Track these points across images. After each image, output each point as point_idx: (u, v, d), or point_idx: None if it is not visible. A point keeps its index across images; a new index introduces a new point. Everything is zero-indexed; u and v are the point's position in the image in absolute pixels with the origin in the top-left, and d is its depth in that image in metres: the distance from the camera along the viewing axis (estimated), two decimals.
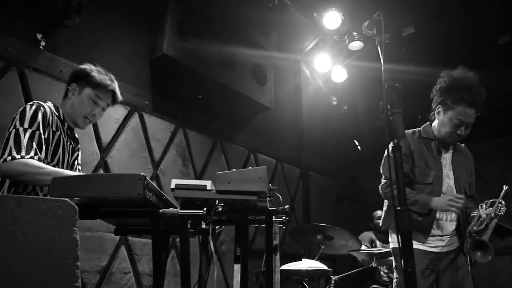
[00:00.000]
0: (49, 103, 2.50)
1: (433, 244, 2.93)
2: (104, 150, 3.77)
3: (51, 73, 3.47)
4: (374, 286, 4.85)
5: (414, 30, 5.86)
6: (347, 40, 6.02)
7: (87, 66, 2.58)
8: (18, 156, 2.13)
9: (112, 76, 2.60)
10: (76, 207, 1.49)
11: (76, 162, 2.62)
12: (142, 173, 1.81)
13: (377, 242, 5.55)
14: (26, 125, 2.24)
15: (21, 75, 3.31)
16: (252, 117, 5.42)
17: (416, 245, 2.91)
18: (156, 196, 1.98)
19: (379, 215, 5.58)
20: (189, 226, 2.04)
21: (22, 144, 2.17)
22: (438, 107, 2.98)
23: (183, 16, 4.37)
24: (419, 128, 3.09)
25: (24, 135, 2.21)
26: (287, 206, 2.32)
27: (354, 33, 5.93)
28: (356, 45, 6.04)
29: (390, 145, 2.86)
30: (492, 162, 5.88)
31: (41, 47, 3.43)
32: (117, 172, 3.75)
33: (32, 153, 2.17)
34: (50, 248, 1.38)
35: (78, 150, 2.65)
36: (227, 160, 5.00)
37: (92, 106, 2.52)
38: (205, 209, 1.99)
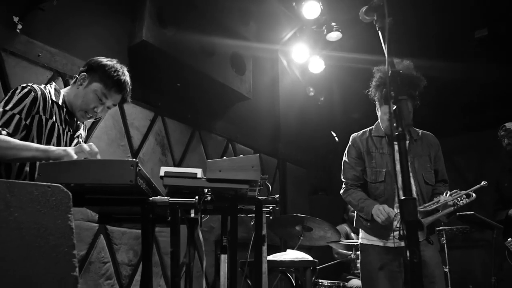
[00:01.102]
0: (50, 87, 2.36)
1: (395, 240, 2.91)
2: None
3: (28, 57, 3.34)
4: (349, 277, 4.93)
5: (391, 21, 5.90)
6: (325, 30, 6.01)
7: (107, 61, 2.42)
8: None
9: (127, 77, 2.45)
10: (70, 193, 1.44)
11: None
12: (134, 159, 1.77)
13: (352, 234, 5.62)
14: (8, 107, 2.14)
15: None
16: (230, 107, 5.38)
17: (375, 241, 2.99)
18: (146, 184, 1.94)
19: None
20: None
21: None
22: (376, 104, 3.08)
23: (163, 3, 4.28)
24: (371, 127, 3.14)
25: (1, 117, 2.11)
26: (277, 195, 2.31)
27: (333, 24, 5.93)
28: (334, 35, 6.04)
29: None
30: (468, 156, 6.03)
31: (17, 30, 3.30)
32: None
33: (4, 132, 2.07)
34: (45, 235, 1.33)
35: (78, 136, 2.52)
36: (206, 150, 4.96)
37: (96, 102, 2.37)
38: (196, 197, 1.96)
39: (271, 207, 2.40)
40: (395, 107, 1.58)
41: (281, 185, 6.17)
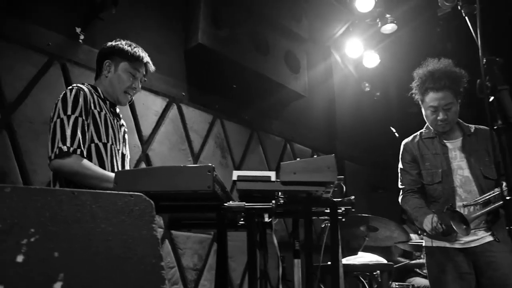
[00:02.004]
0: (86, 84, 2.44)
1: (462, 240, 2.83)
2: (145, 143, 3.70)
3: (91, 66, 3.38)
4: (416, 278, 4.73)
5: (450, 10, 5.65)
6: (379, 23, 5.83)
7: (116, 42, 2.54)
8: (64, 148, 2.12)
9: (141, 48, 2.56)
10: (152, 202, 1.41)
11: (126, 136, 2.59)
12: (210, 164, 1.72)
13: (412, 235, 5.41)
14: (69, 111, 2.21)
15: (63, 69, 3.26)
16: (286, 106, 5.31)
17: (441, 243, 2.88)
18: (221, 189, 1.89)
19: None
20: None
21: (66, 134, 2.15)
22: (420, 105, 3.05)
23: (216, 5, 4.27)
24: (421, 130, 3.10)
25: (68, 123, 2.18)
26: (353, 197, 2.20)
27: (387, 15, 5.74)
28: (389, 27, 5.85)
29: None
30: None
31: (80, 40, 3.38)
32: (158, 164, 3.69)
33: (75, 145, 2.14)
34: (132, 247, 1.29)
35: (123, 125, 2.60)
36: (265, 150, 4.90)
37: (131, 79, 2.48)
38: (273, 201, 1.90)
39: (344, 209, 2.31)
40: (491, 98, 1.44)
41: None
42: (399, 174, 3.15)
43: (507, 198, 1.37)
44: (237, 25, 4.41)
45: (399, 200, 3.14)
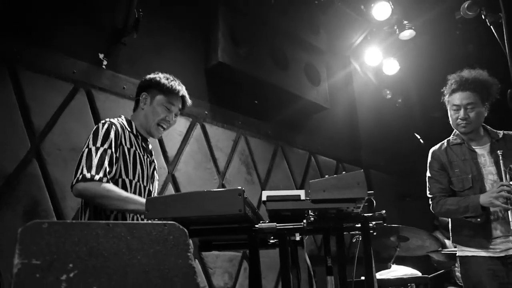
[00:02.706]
0: (122, 118, 2.48)
1: (498, 248, 2.76)
2: (171, 163, 3.73)
3: (115, 90, 3.47)
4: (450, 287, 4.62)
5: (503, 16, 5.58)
6: (397, 30, 5.80)
7: (155, 75, 2.57)
8: (88, 175, 2.12)
9: (179, 81, 2.59)
10: (186, 230, 1.41)
11: (155, 173, 2.59)
12: (240, 187, 1.72)
13: (446, 241, 5.30)
14: (98, 144, 2.23)
15: (89, 95, 3.32)
16: (309, 118, 5.30)
17: (476, 252, 2.81)
18: (251, 211, 1.89)
19: None
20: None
21: (93, 163, 2.16)
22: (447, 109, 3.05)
23: (234, 22, 4.31)
24: (448, 138, 3.08)
25: (96, 154, 2.20)
26: (384, 211, 2.18)
27: (405, 22, 5.72)
28: (408, 34, 5.81)
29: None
30: None
31: (103, 66, 3.44)
32: (185, 185, 3.71)
33: (101, 174, 2.15)
34: (169, 277, 1.29)
35: (154, 161, 2.62)
36: (289, 164, 4.89)
37: (165, 112, 2.50)
38: (304, 221, 1.88)
39: (375, 223, 2.28)
40: None
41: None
42: (428, 183, 3.11)
43: None
44: (255, 41, 4.45)
45: (432, 208, 3.09)
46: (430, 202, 3.10)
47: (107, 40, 3.52)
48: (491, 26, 1.79)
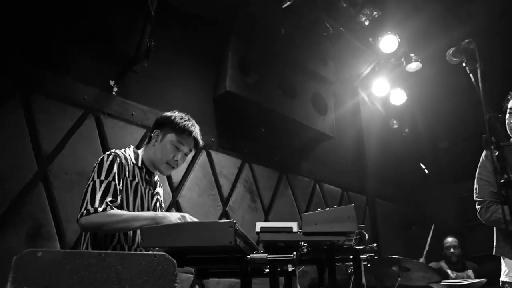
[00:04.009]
0: (129, 150, 2.55)
1: None
2: (175, 189, 3.81)
3: (124, 117, 3.58)
4: None
5: (482, 65, 5.65)
6: (404, 62, 5.89)
7: (171, 113, 2.61)
8: (92, 209, 2.17)
9: (194, 122, 2.62)
10: (175, 261, 1.48)
11: (158, 205, 2.64)
12: (232, 220, 1.79)
13: (449, 272, 5.27)
14: (102, 177, 2.29)
15: (98, 122, 3.43)
16: (315, 147, 5.37)
17: None
18: (243, 242, 1.95)
19: (449, 243, 5.32)
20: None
21: (96, 197, 2.21)
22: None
23: (244, 52, 4.43)
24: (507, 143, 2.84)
25: (100, 187, 2.25)
26: (375, 244, 2.23)
27: (411, 55, 5.81)
28: (414, 66, 5.89)
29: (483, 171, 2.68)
30: None
31: (113, 93, 3.57)
32: (188, 211, 3.78)
33: (104, 205, 2.20)
34: None
35: (157, 194, 2.66)
36: (294, 192, 4.94)
37: (175, 152, 2.53)
38: (294, 253, 1.94)
39: (373, 255, 2.33)
40: (497, 152, 1.47)
41: (372, 222, 5.97)
42: (476, 185, 2.84)
43: None
44: (264, 70, 4.55)
45: (478, 213, 2.81)
46: (478, 207, 2.81)
47: (118, 68, 3.65)
48: (470, 74, 1.86)
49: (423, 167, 5.95)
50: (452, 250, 5.35)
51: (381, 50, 5.62)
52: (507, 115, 2.76)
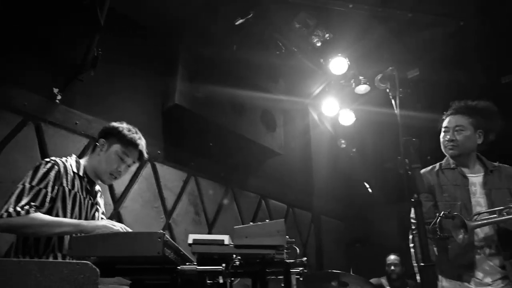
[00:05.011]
0: (70, 159, 2.53)
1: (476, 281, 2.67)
2: (117, 201, 3.77)
3: (66, 126, 3.53)
4: None
5: (418, 73, 5.95)
6: (353, 84, 6.08)
7: (118, 124, 2.64)
8: (13, 212, 2.14)
9: (141, 135, 2.65)
10: (98, 270, 1.49)
11: (97, 214, 2.63)
12: (161, 231, 1.82)
13: None
14: (34, 183, 2.27)
15: (38, 130, 3.37)
16: (263, 163, 5.44)
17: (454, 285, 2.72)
18: (174, 253, 1.97)
19: (391, 260, 5.50)
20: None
21: (22, 201, 2.19)
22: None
23: (194, 66, 4.46)
24: (441, 162, 3.05)
25: (29, 192, 2.24)
26: (305, 258, 2.30)
27: (361, 77, 6.00)
28: (363, 88, 6.09)
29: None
30: None
31: (57, 101, 3.51)
32: (130, 223, 3.74)
33: (27, 207, 2.17)
34: None
35: (97, 203, 2.65)
36: (239, 207, 4.98)
37: (119, 162, 2.56)
38: (223, 265, 1.97)
39: (303, 269, 2.39)
40: (410, 173, 1.59)
41: (317, 238, 6.08)
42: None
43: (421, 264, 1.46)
44: (214, 86, 4.58)
45: (410, 238, 2.92)
46: (412, 227, 2.91)
47: (63, 75, 3.60)
48: (392, 100, 1.99)
49: (367, 186, 6.14)
50: (393, 267, 5.52)
51: (331, 71, 5.80)
52: (442, 133, 2.95)
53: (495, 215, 2.61)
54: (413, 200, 1.62)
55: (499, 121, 2.96)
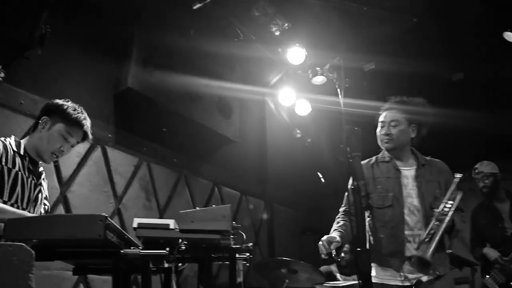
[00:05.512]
0: (10, 139, 2.44)
1: (404, 276, 2.80)
2: (64, 184, 3.66)
3: (10, 105, 3.39)
4: None
5: (374, 66, 6.07)
6: (310, 74, 6.12)
7: (63, 102, 2.56)
8: None
9: (86, 115, 2.58)
10: (33, 252, 1.44)
11: (40, 196, 2.55)
12: (103, 214, 1.78)
13: (338, 275, 5.57)
14: None
15: None
16: (217, 150, 5.42)
17: (388, 279, 2.85)
18: (117, 236, 1.93)
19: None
20: (151, 265, 2.00)
21: None
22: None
23: (149, 50, 4.37)
24: (377, 155, 3.16)
25: None
26: (251, 244, 2.32)
27: (318, 68, 6.04)
28: (320, 79, 6.11)
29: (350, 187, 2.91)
30: None
31: (0, 78, 3.35)
32: (77, 207, 3.66)
33: None
34: None
35: (40, 184, 2.57)
36: (192, 194, 4.96)
37: (62, 142, 2.48)
38: (167, 249, 1.96)
39: (248, 254, 2.41)
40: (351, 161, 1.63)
41: (269, 227, 6.14)
42: (345, 196, 3.13)
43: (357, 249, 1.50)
44: (169, 70, 4.51)
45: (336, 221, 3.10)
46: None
47: (7, 52, 3.43)
48: (338, 90, 2.02)
49: (320, 175, 6.24)
50: (342, 255, 5.64)
51: (289, 61, 5.82)
52: (378, 128, 3.06)
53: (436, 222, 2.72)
54: (352, 187, 1.66)
55: (432, 117, 3.11)
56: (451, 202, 2.76)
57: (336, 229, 2.92)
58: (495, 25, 5.11)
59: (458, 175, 2.91)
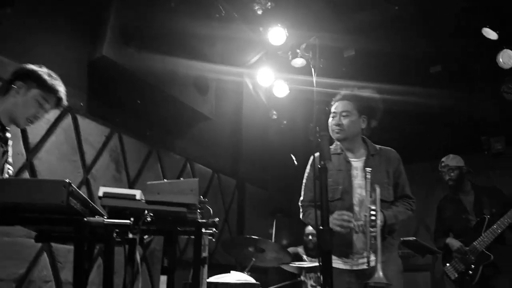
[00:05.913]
0: None
1: (355, 261, 2.92)
2: (31, 151, 3.57)
3: None
4: None
5: (354, 53, 6.10)
6: (290, 56, 6.12)
7: (37, 68, 2.52)
8: None
9: (60, 81, 2.56)
10: None
11: (5, 166, 2.49)
12: (67, 180, 1.75)
13: (304, 257, 5.66)
14: None
15: None
16: (192, 126, 5.37)
17: (339, 263, 2.93)
18: (81, 204, 1.91)
19: (309, 231, 5.71)
20: (115, 235, 1.98)
21: None
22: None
23: (127, 18, 4.25)
24: (331, 146, 3.11)
25: None
26: (217, 219, 2.32)
27: (298, 50, 6.03)
28: (299, 62, 6.13)
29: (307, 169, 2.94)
30: (416, 186, 6.13)
31: None
32: (44, 175, 3.59)
33: None
34: None
35: (7, 151, 2.53)
36: (163, 168, 4.92)
37: (37, 108, 2.46)
38: (132, 219, 1.95)
39: (214, 230, 2.42)
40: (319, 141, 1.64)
41: (239, 205, 6.17)
42: (302, 190, 3.20)
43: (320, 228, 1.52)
44: (147, 43, 4.41)
45: (301, 217, 3.17)
46: (301, 210, 3.19)
47: None
48: (312, 69, 2.03)
49: (293, 158, 6.28)
50: (310, 237, 5.73)
51: (269, 41, 5.78)
52: (330, 118, 3.10)
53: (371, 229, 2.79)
54: (319, 166, 1.67)
55: (381, 109, 3.17)
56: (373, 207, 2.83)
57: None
58: (474, 21, 5.18)
59: (368, 169, 2.93)
